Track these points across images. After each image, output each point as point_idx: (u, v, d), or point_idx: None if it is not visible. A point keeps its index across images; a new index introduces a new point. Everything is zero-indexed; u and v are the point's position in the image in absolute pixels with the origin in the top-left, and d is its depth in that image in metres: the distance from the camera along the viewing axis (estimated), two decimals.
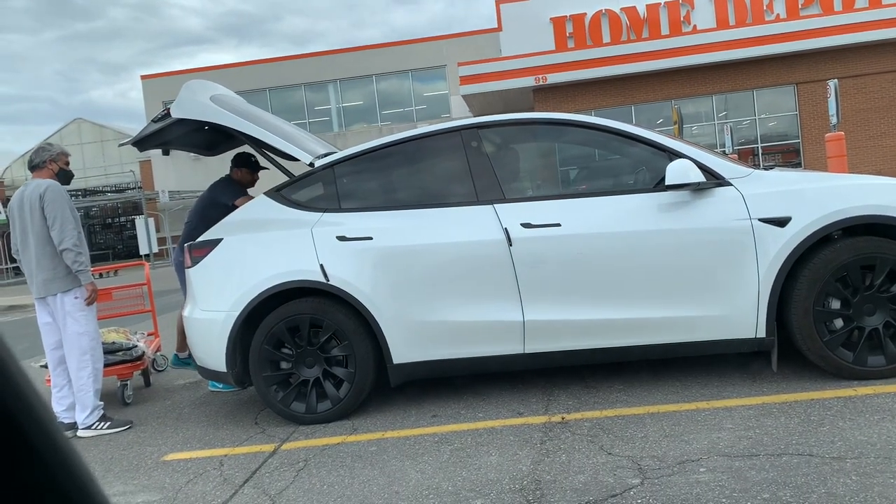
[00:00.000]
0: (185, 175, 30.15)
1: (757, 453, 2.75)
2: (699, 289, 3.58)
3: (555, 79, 24.08)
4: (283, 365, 3.94)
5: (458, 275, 3.77)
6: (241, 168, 5.12)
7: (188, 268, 4.18)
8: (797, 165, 22.88)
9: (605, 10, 27.58)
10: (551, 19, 27.89)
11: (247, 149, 5.00)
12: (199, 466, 3.47)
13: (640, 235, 3.62)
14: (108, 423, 4.32)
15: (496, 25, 28.65)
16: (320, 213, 4.02)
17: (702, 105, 24.93)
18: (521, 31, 27.75)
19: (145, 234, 27.86)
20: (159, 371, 5.81)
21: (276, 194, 4.16)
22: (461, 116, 29.18)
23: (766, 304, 3.51)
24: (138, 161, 37.20)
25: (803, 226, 3.45)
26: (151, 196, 31.59)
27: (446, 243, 3.79)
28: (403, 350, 3.82)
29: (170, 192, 29.90)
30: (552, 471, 2.85)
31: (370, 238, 3.87)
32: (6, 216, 4.21)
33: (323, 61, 32.90)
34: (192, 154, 5.57)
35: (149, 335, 5.73)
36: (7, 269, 29.74)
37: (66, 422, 4.34)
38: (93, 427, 4.28)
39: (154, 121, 4.56)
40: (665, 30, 27.06)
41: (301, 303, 3.89)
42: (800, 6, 26.58)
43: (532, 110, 24.47)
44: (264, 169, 5.15)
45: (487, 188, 3.89)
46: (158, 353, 5.82)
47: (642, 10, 27.34)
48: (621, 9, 27.45)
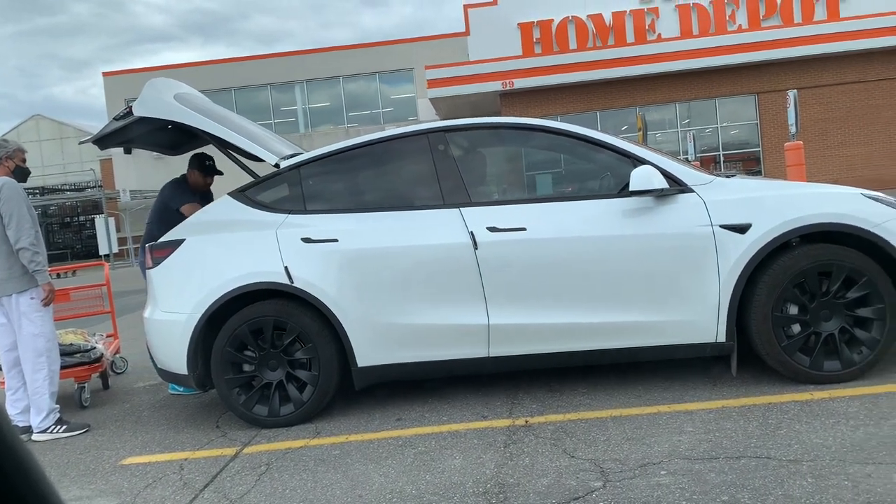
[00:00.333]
0: (147, 174, 29.64)
1: (716, 456, 2.80)
2: (662, 293, 3.63)
3: (522, 84, 24.24)
4: (246, 368, 3.90)
5: (424, 278, 3.77)
6: (194, 170, 5.03)
7: (149, 268, 4.12)
8: (757, 173, 23.33)
9: (572, 16, 27.85)
10: (519, 25, 28.06)
11: (211, 149, 4.94)
12: (159, 470, 3.41)
13: (605, 240, 3.66)
14: (65, 427, 4.22)
15: (464, 30, 28.73)
16: (285, 215, 3.98)
17: (666, 112, 25.30)
18: (489, 35, 27.87)
19: (105, 234, 27.34)
20: (118, 373, 5.70)
21: (240, 195, 4.12)
22: (428, 120, 29.21)
23: (727, 309, 3.57)
24: (99, 159, 36.51)
25: (763, 232, 3.52)
26: (112, 195, 31.01)
27: (412, 246, 3.78)
28: (368, 353, 3.81)
29: (131, 191, 29.38)
30: (515, 474, 2.86)
31: (336, 240, 3.85)
32: None
33: (290, 61, 32.65)
34: (155, 153, 5.49)
35: (108, 337, 5.62)
36: None
37: (20, 425, 4.23)
38: (48, 430, 4.18)
39: (116, 118, 4.48)
40: (630, 37, 27.41)
41: (265, 305, 3.86)
42: (761, 17, 27.14)
43: (499, 115, 24.60)
44: (219, 174, 5.08)
45: (454, 191, 3.90)
46: (117, 356, 5.71)
47: (608, 18, 27.67)
48: (588, 16, 27.75)
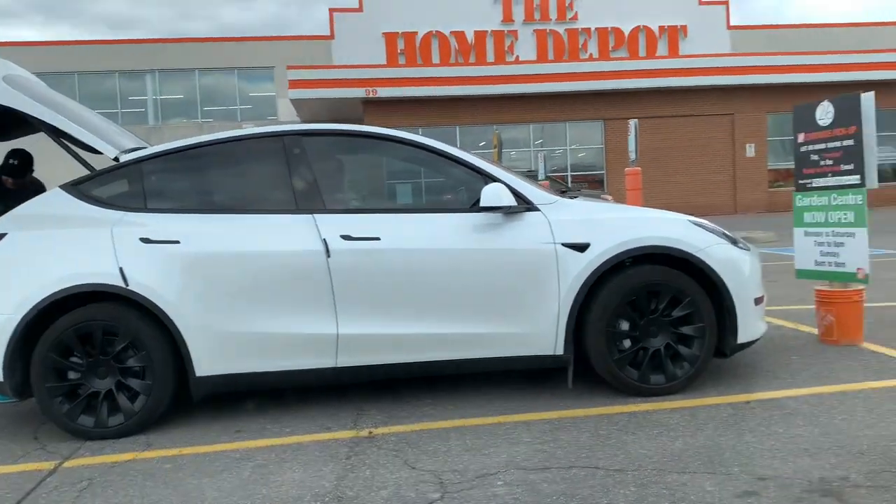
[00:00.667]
0: None
1: (550, 466, 2.91)
2: (506, 307, 3.75)
3: (385, 93, 24.31)
4: (71, 375, 3.61)
5: (272, 285, 3.67)
6: None
7: None
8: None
9: (436, 31, 28.36)
10: (384, 34, 28.20)
11: (43, 139, 4.56)
12: None
13: (454, 253, 3.74)
14: None
15: (329, 33, 28.46)
16: (123, 212, 3.75)
17: (520, 132, 26.26)
18: (354, 41, 27.79)
19: None
20: None
21: (72, 188, 3.83)
22: (289, 120, 28.61)
23: (566, 324, 3.74)
24: None
25: (600, 252, 3.73)
26: None
27: (261, 251, 3.68)
28: (208, 362, 3.65)
29: None
30: (355, 486, 2.83)
31: (177, 242, 3.66)
32: None
33: (142, 49, 30.84)
34: None
35: None
36: None
37: None
38: None
39: None
40: (491, 57, 28.33)
41: (95, 308, 3.60)
42: (610, 49, 28.89)
43: (362, 122, 24.51)
44: (20, 178, 4.80)
45: (308, 197, 3.83)
46: None
47: (470, 37, 28.43)
48: (451, 32, 28.37)
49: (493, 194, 3.71)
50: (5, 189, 4.82)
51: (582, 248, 3.75)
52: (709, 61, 25.46)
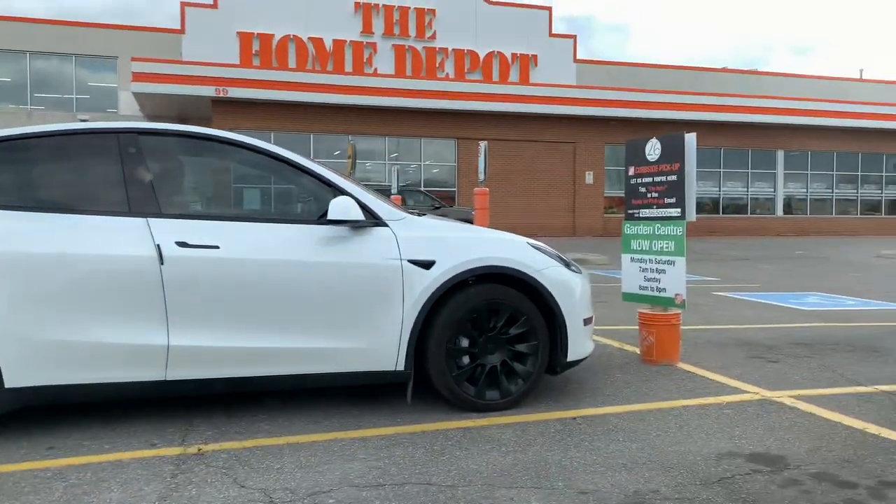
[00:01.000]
0: None
1: (383, 483, 2.92)
2: (349, 322, 3.72)
3: (237, 93, 23.55)
4: None
5: (96, 291, 3.42)
6: None
7: None
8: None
9: (294, 35, 27.87)
10: (238, 33, 27.33)
11: None
12: None
13: (298, 265, 3.67)
14: None
15: (180, 27, 27.19)
16: None
17: (376, 144, 26.34)
18: (206, 38, 26.71)
19: None
20: None
21: None
22: (130, 114, 26.96)
23: (408, 340, 3.77)
24: None
25: (445, 269, 3.80)
26: None
27: (84, 255, 3.42)
28: (20, 372, 3.34)
29: None
30: None
31: None
32: None
33: None
34: None
35: None
36: None
37: None
38: None
39: None
40: (349, 67, 28.20)
41: None
42: (466, 70, 29.66)
43: (210, 121, 23.54)
44: None
45: (142, 200, 3.62)
46: None
47: (329, 45, 28.18)
48: (309, 38, 27.98)
49: (340, 207, 3.69)
50: None
51: (428, 265, 3.80)
52: (556, 91, 26.86)
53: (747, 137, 30.22)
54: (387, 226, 3.86)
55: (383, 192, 18.32)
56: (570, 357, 4.08)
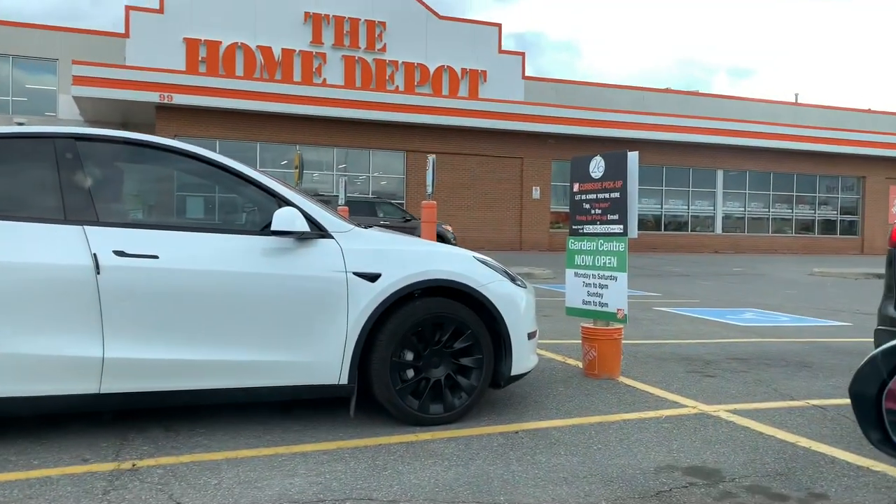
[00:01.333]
0: None
1: (324, 499, 2.88)
2: (293, 334, 3.67)
3: (182, 100, 23.13)
4: None
5: (28, 300, 3.30)
6: None
7: None
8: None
9: (241, 43, 27.56)
10: (185, 39, 26.90)
11: None
12: None
13: (240, 276, 3.61)
14: None
15: (124, 31, 26.61)
16: None
17: (324, 155, 26.17)
18: (151, 43, 26.20)
19: None
20: None
21: None
22: (70, 119, 26.19)
23: (352, 353, 3.74)
24: None
25: (390, 282, 3.79)
26: None
27: (16, 263, 3.30)
28: None
29: None
30: None
31: None
32: None
33: None
34: None
35: None
36: None
37: None
38: None
39: None
40: (298, 77, 27.99)
41: None
42: (416, 84, 29.76)
43: (154, 128, 23.06)
44: None
45: (79, 207, 3.51)
46: None
47: (278, 53, 27.95)
48: (258, 46, 27.70)
49: (285, 218, 3.64)
50: None
51: (373, 277, 3.78)
52: (504, 107, 27.18)
53: (689, 156, 31.07)
54: (332, 238, 3.83)
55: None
56: (515, 371, 4.10)
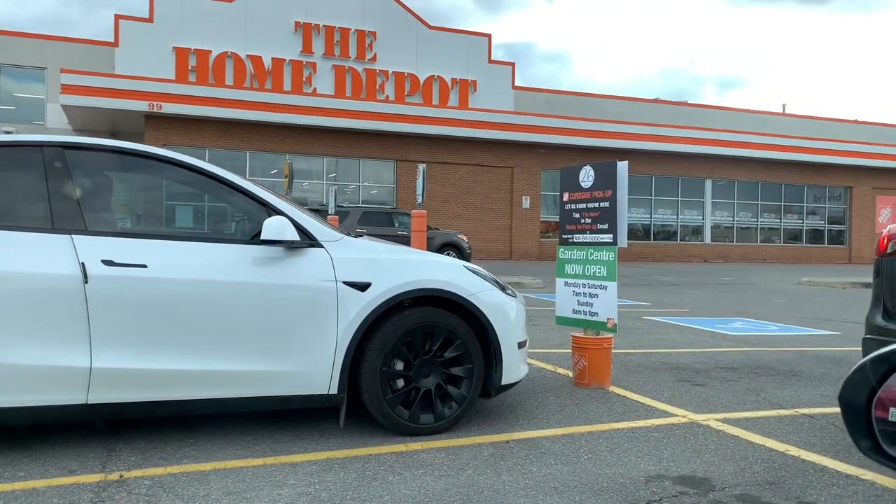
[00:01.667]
0: None
1: None
2: (282, 344, 3.65)
3: (171, 109, 23.07)
4: None
5: (15, 309, 3.27)
6: None
7: None
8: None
9: (231, 52, 27.55)
10: (174, 48, 26.87)
11: None
12: None
13: (229, 286, 3.59)
14: None
15: (114, 40, 26.56)
16: None
17: (314, 164, 26.14)
18: (141, 52, 26.17)
19: None
20: None
21: None
22: (59, 128, 26.08)
23: (342, 363, 3.72)
24: None
25: (381, 292, 3.78)
26: None
27: (3, 272, 3.27)
28: None
29: None
30: None
31: None
32: None
33: None
34: None
35: None
36: None
37: None
38: None
39: None
40: (288, 86, 27.99)
41: None
42: (406, 93, 29.81)
43: (143, 137, 23.00)
44: None
45: (67, 216, 3.48)
46: None
47: (268, 63, 27.95)
48: (248, 55, 27.70)
49: (275, 227, 3.63)
50: None
51: (363, 287, 3.77)
52: (494, 116, 27.26)
53: (678, 166, 31.24)
54: (322, 247, 3.82)
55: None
56: (505, 380, 4.10)
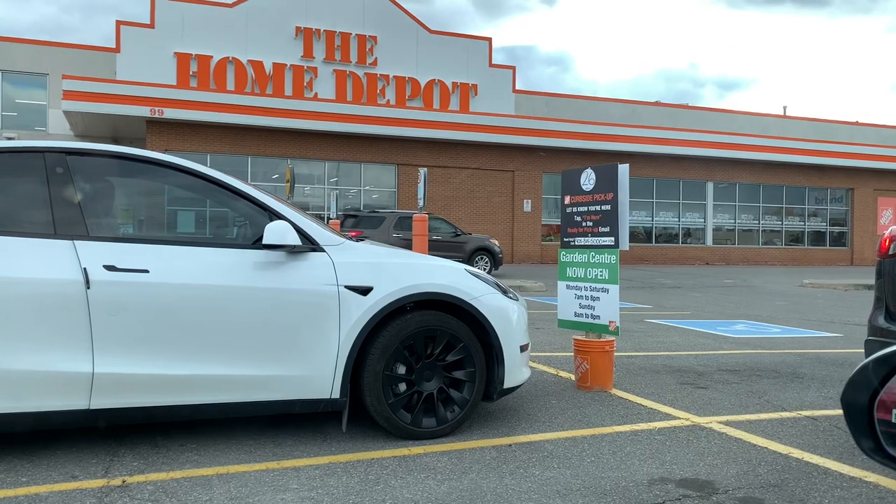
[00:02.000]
0: None
1: None
2: (284, 348, 3.66)
3: (172, 114, 23.11)
4: None
5: (18, 315, 3.27)
6: None
7: None
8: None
9: (233, 57, 27.60)
10: (176, 53, 26.94)
11: None
12: None
13: (232, 291, 3.59)
14: None
15: (115, 46, 26.63)
16: None
17: (315, 168, 26.17)
18: (142, 57, 26.23)
19: None
20: None
21: None
22: (61, 134, 26.14)
23: (343, 367, 3.72)
24: None
25: (382, 296, 3.78)
26: None
27: (6, 277, 3.28)
28: None
29: None
30: None
31: None
32: None
33: None
34: None
35: None
36: None
37: None
38: None
39: None
40: (289, 91, 28.04)
41: None
42: (407, 97, 29.84)
43: (144, 142, 23.04)
44: None
45: (69, 222, 3.49)
46: None
47: (269, 68, 28.00)
48: (248, 60, 27.75)
49: (276, 232, 3.64)
50: None
51: (365, 291, 3.78)
52: (495, 120, 27.27)
53: (679, 169, 31.23)
54: (324, 251, 3.82)
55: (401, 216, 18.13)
56: (507, 384, 4.10)
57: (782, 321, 10.35)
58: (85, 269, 3.38)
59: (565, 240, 5.51)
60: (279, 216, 3.80)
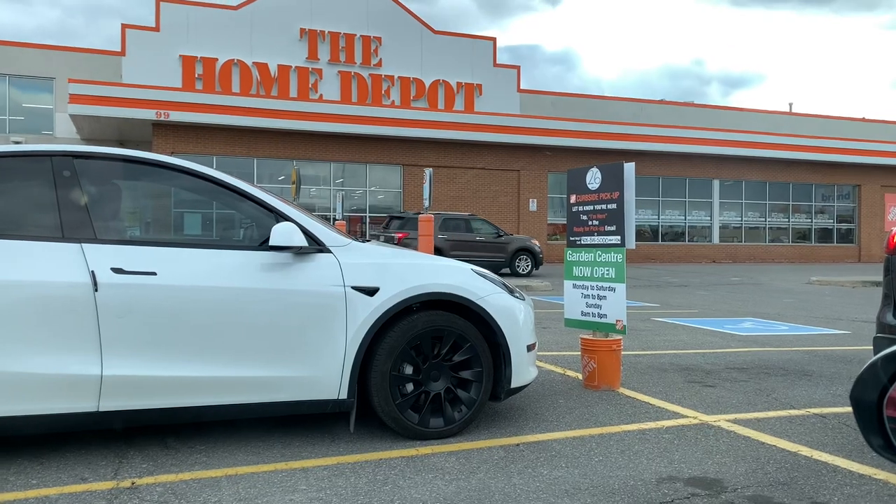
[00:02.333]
0: None
1: None
2: (291, 349, 3.66)
3: (178, 117, 23.17)
4: None
5: (27, 318, 3.29)
6: None
7: None
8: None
9: (238, 60, 27.67)
10: (181, 56, 27.01)
11: None
12: None
13: (239, 292, 3.60)
14: None
15: (120, 49, 26.73)
16: None
17: (321, 170, 26.21)
18: (148, 61, 26.31)
19: None
20: None
21: None
22: (67, 137, 26.25)
23: (351, 367, 3.73)
24: None
25: (389, 296, 3.79)
26: None
27: (14, 281, 3.29)
28: None
29: None
30: None
31: None
32: None
33: None
34: None
35: None
36: None
37: None
38: None
39: None
40: (294, 92, 28.09)
41: None
42: (411, 98, 29.85)
43: (150, 145, 23.12)
44: None
45: (76, 225, 3.51)
46: None
47: (274, 70, 28.06)
48: (254, 62, 27.81)
49: (283, 233, 3.64)
50: None
51: (371, 291, 3.78)
52: (500, 120, 27.26)
53: (685, 167, 31.15)
54: (330, 252, 3.83)
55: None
56: (514, 383, 4.09)
57: (790, 319, 10.32)
58: (93, 271, 3.40)
59: (571, 239, 5.51)
60: (285, 217, 3.81)
